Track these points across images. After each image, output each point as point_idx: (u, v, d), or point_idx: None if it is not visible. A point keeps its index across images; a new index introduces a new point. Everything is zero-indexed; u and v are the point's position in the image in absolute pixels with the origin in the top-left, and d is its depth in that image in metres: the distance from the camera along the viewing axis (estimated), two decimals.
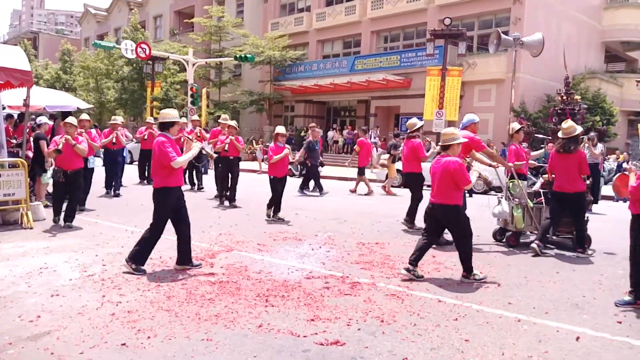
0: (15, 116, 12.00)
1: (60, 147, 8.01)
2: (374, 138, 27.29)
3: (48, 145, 10.12)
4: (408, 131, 9.13)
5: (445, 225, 5.99)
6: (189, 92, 23.32)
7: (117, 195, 12.06)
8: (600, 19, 29.91)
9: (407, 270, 5.68)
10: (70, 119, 8.47)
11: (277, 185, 9.44)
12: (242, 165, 13.24)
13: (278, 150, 9.32)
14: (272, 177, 9.47)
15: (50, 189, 11.02)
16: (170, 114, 5.98)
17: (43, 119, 10.61)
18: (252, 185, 15.60)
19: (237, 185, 11.20)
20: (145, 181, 14.65)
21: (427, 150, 9.47)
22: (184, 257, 5.89)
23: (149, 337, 3.86)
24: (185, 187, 11.70)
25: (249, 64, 30.40)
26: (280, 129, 9.66)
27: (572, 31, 27.40)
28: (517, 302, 4.97)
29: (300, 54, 32.82)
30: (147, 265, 5.87)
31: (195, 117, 14.17)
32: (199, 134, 12.94)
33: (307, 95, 32.51)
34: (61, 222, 8.22)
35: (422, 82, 24.37)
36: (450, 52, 22.68)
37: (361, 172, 14.69)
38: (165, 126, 5.90)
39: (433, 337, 4.04)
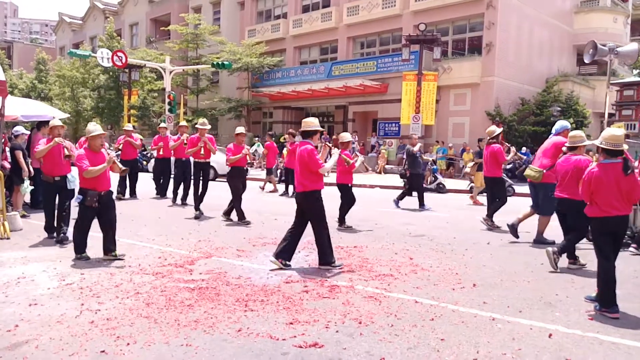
0: None
1: (111, 160, 6.66)
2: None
3: (25, 155, 10.05)
4: (488, 138, 9.64)
5: (572, 218, 6.47)
6: (167, 100, 23.25)
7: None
8: (571, 22, 30.53)
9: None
10: (95, 128, 6.78)
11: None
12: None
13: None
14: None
15: (27, 199, 10.92)
16: (313, 122, 6.36)
17: (20, 129, 10.50)
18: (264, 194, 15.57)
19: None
20: (131, 195, 13.36)
21: (507, 155, 9.88)
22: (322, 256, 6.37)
23: (128, 344, 3.88)
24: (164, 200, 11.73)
25: (227, 71, 30.44)
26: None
27: (544, 35, 27.93)
28: (491, 302, 5.08)
29: (278, 60, 32.89)
30: (125, 272, 5.88)
31: (184, 123, 13.48)
32: (185, 142, 11.91)
33: (285, 101, 32.56)
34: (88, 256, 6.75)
35: (399, 87, 24.63)
36: (425, 57, 22.98)
37: (269, 172, 16.70)
38: (308, 134, 6.35)
39: (410, 337, 4.12)
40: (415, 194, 12.53)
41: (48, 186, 7.82)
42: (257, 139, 27.91)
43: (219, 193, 12.50)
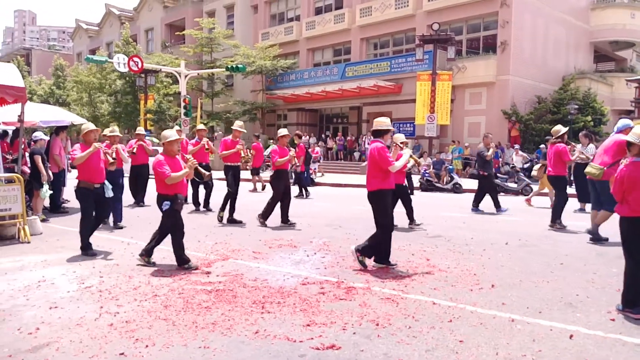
0: (11, 132, 12.06)
1: (193, 166, 6.52)
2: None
3: (44, 160, 10.20)
4: (553, 137, 9.69)
5: None
6: (182, 104, 23.39)
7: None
8: (587, 19, 30.22)
9: None
10: (171, 133, 6.69)
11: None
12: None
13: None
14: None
15: (46, 203, 11.07)
16: (384, 122, 6.37)
17: (39, 135, 10.65)
18: (247, 194, 15.66)
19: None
20: (140, 203, 12.63)
21: (572, 154, 9.82)
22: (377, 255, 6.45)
23: (147, 346, 3.90)
24: (190, 208, 11.72)
25: (241, 74, 30.53)
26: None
27: (560, 33, 27.67)
28: (510, 303, 5.02)
29: (291, 62, 32.99)
30: (143, 275, 5.93)
31: (201, 126, 12.85)
32: (206, 146, 11.78)
33: (299, 103, 32.65)
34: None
35: (413, 87, 24.56)
36: (439, 57, 22.89)
37: (255, 172, 17.16)
38: (379, 133, 6.35)
39: (428, 339, 4.09)
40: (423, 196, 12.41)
41: (87, 195, 7.22)
42: (271, 141, 27.97)
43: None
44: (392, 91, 27.28)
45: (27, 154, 10.16)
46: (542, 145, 22.16)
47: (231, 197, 10.02)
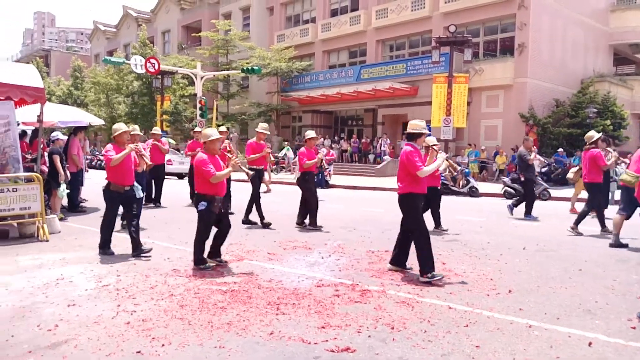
0: (30, 132, 12.21)
1: (237, 165, 6.52)
2: (384, 146, 27.39)
3: (62, 159, 10.32)
4: (587, 143, 9.61)
5: None
6: (198, 105, 23.58)
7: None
8: (607, 21, 29.88)
9: None
10: (212, 132, 6.61)
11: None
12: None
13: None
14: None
15: (64, 202, 11.19)
16: (419, 124, 6.18)
17: (57, 135, 10.78)
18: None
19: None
20: (155, 203, 12.75)
21: (608, 160, 9.68)
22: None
23: (163, 345, 3.93)
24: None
25: (256, 76, 30.71)
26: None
27: (578, 35, 27.39)
28: (528, 308, 4.97)
29: (307, 64, 33.06)
30: (159, 274, 5.97)
31: (222, 127, 12.62)
32: (228, 147, 11.92)
33: (314, 105, 32.68)
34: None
35: (429, 89, 24.45)
36: (456, 59, 22.74)
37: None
38: (413, 136, 6.18)
39: (444, 344, 4.05)
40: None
41: (115, 197, 7.12)
42: (286, 142, 28.05)
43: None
44: (407, 93, 27.19)
45: (45, 154, 10.29)
46: (560, 149, 22.01)
47: (256, 200, 9.95)
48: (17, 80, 8.19)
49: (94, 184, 17.24)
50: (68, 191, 10.59)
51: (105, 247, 7.18)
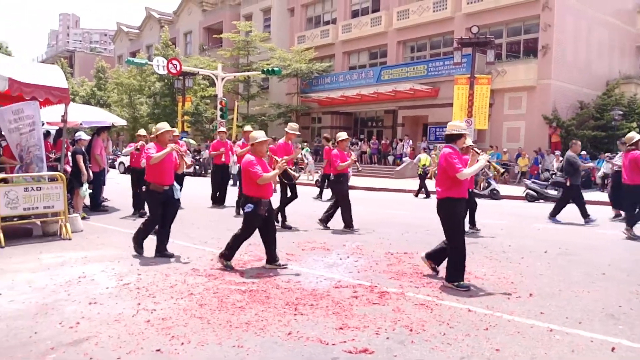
0: (54, 132, 12.42)
1: (283, 167, 6.46)
2: (406, 148, 27.27)
3: (85, 160, 10.48)
4: (627, 144, 9.54)
5: None
6: (219, 106, 23.76)
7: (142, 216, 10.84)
8: (634, 22, 29.33)
9: None
10: (260, 134, 6.57)
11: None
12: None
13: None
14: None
15: (87, 201, 11.36)
16: (459, 125, 5.94)
17: (81, 135, 10.95)
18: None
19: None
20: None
21: None
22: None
23: (182, 344, 3.96)
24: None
25: (276, 77, 30.84)
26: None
27: (604, 36, 26.93)
28: (549, 312, 4.90)
29: (327, 65, 33.08)
30: (179, 274, 6.02)
31: (249, 127, 12.22)
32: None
33: (334, 106, 32.66)
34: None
35: (450, 91, 24.29)
36: (478, 60, 22.55)
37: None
38: (452, 138, 5.88)
39: (463, 347, 4.02)
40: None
41: (156, 197, 6.99)
42: (305, 144, 28.09)
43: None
44: (428, 95, 27.04)
45: (69, 153, 10.45)
46: (583, 152, 21.61)
47: (289, 201, 9.97)
48: (42, 81, 8.32)
49: (115, 184, 17.53)
50: (90, 191, 10.74)
51: (141, 247, 7.13)
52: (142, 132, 11.70)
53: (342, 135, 9.80)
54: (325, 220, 9.86)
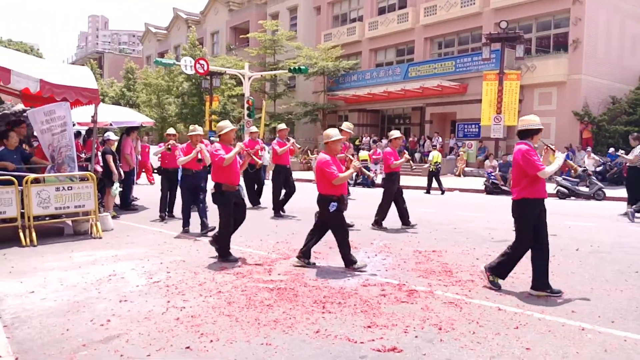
0: (84, 132, 12.66)
1: (357, 167, 6.49)
2: (437, 145, 27.02)
3: (115, 159, 10.66)
4: None
5: None
6: (246, 105, 23.90)
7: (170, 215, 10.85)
8: None
9: None
10: (334, 132, 6.51)
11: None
12: (298, 175, 12.72)
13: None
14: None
15: (117, 200, 11.56)
16: (534, 120, 5.54)
17: (110, 135, 11.13)
18: (310, 194, 15.73)
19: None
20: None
21: None
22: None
23: (211, 341, 4.00)
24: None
25: (303, 76, 30.87)
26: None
27: (637, 30, 26.26)
28: (581, 311, 4.81)
29: (353, 63, 32.99)
30: (208, 271, 6.08)
31: (282, 125, 11.90)
32: (298, 146, 11.49)
33: (361, 104, 32.57)
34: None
35: (479, 87, 23.98)
36: (507, 56, 22.24)
37: None
38: (527, 134, 5.49)
39: (493, 346, 3.97)
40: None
41: (230, 197, 6.83)
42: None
43: (301, 196, 12.51)
44: (456, 91, 26.75)
45: (99, 153, 10.64)
46: (611, 149, 21.12)
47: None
48: (73, 82, 8.50)
49: (143, 183, 17.80)
50: (121, 189, 10.92)
51: (226, 254, 6.77)
52: (171, 131, 11.17)
53: (395, 133, 9.81)
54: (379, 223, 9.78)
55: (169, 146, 10.44)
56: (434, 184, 17.54)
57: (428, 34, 30.01)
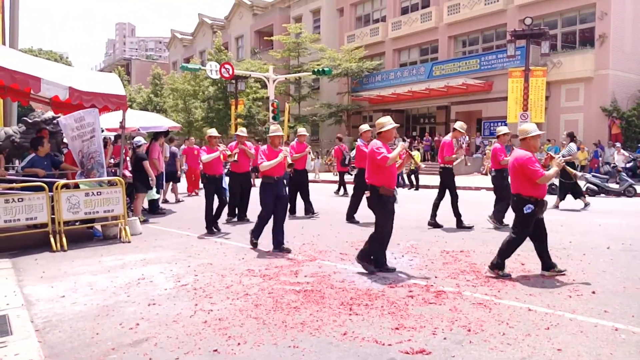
0: (112, 137, 12.87)
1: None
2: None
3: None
4: None
5: None
6: (271, 108, 24.01)
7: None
8: None
9: None
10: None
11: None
12: (323, 176, 12.77)
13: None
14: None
15: (145, 204, 11.72)
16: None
17: (140, 140, 11.28)
18: (328, 195, 15.74)
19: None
20: (243, 217, 10.90)
21: None
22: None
23: (239, 344, 4.01)
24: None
25: (327, 77, 30.90)
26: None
27: None
28: (613, 311, 4.69)
29: (377, 63, 32.91)
30: (235, 274, 6.11)
31: (302, 130, 11.62)
32: (310, 151, 11.57)
33: (385, 104, 32.44)
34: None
35: (504, 84, 23.69)
36: (532, 52, 21.90)
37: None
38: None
39: (523, 347, 3.90)
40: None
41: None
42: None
43: (319, 197, 12.53)
44: (481, 89, 26.47)
45: (127, 158, 10.81)
46: None
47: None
48: (101, 89, 8.64)
49: (182, 192, 17.98)
50: (159, 196, 11.01)
51: (383, 265, 6.31)
52: (213, 132, 9.95)
53: (461, 124, 9.94)
54: (433, 223, 9.78)
55: (235, 156, 9.93)
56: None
57: (452, 33, 29.78)
